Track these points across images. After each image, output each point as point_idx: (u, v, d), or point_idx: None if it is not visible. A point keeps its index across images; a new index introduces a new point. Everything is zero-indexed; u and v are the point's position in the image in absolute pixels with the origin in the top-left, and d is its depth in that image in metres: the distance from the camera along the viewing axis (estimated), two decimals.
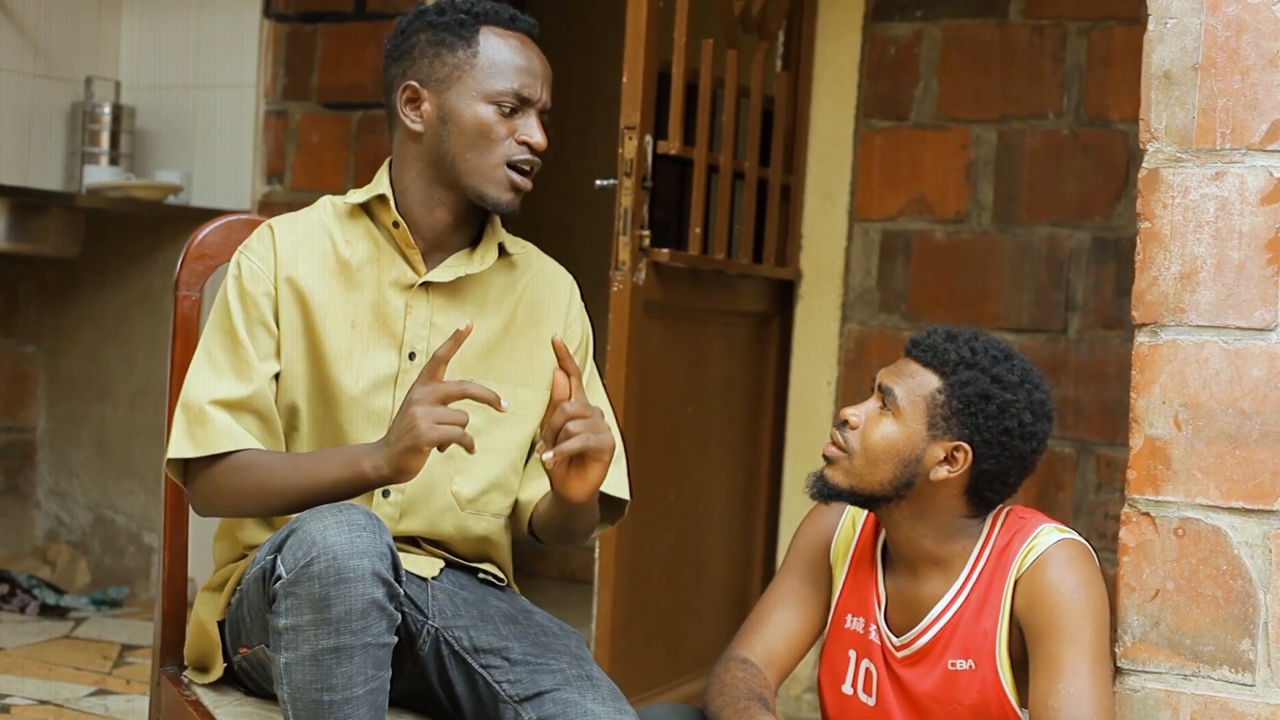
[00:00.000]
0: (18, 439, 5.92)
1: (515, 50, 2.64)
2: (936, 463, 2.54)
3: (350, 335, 2.64)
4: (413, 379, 2.61)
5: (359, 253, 2.68)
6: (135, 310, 5.74)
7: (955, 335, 2.59)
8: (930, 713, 2.59)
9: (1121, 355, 4.52)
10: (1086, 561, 2.51)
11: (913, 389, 2.56)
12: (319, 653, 2.30)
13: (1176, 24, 2.37)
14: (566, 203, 6.59)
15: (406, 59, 2.67)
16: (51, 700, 4.38)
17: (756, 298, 4.88)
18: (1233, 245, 2.33)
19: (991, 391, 2.52)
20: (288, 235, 2.67)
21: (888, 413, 2.57)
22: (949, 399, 2.53)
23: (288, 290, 2.64)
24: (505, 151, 2.63)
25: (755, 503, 4.96)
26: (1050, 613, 2.48)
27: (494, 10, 2.66)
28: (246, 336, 2.61)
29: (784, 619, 2.74)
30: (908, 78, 4.86)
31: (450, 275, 2.68)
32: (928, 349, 2.58)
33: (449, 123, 2.63)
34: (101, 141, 5.69)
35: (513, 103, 2.62)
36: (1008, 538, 2.57)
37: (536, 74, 2.65)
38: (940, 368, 2.55)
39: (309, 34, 5.71)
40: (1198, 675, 2.37)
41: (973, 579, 2.57)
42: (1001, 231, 4.73)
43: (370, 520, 2.34)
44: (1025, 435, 2.54)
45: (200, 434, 2.57)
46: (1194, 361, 2.35)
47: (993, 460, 2.53)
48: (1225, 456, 2.33)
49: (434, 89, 2.64)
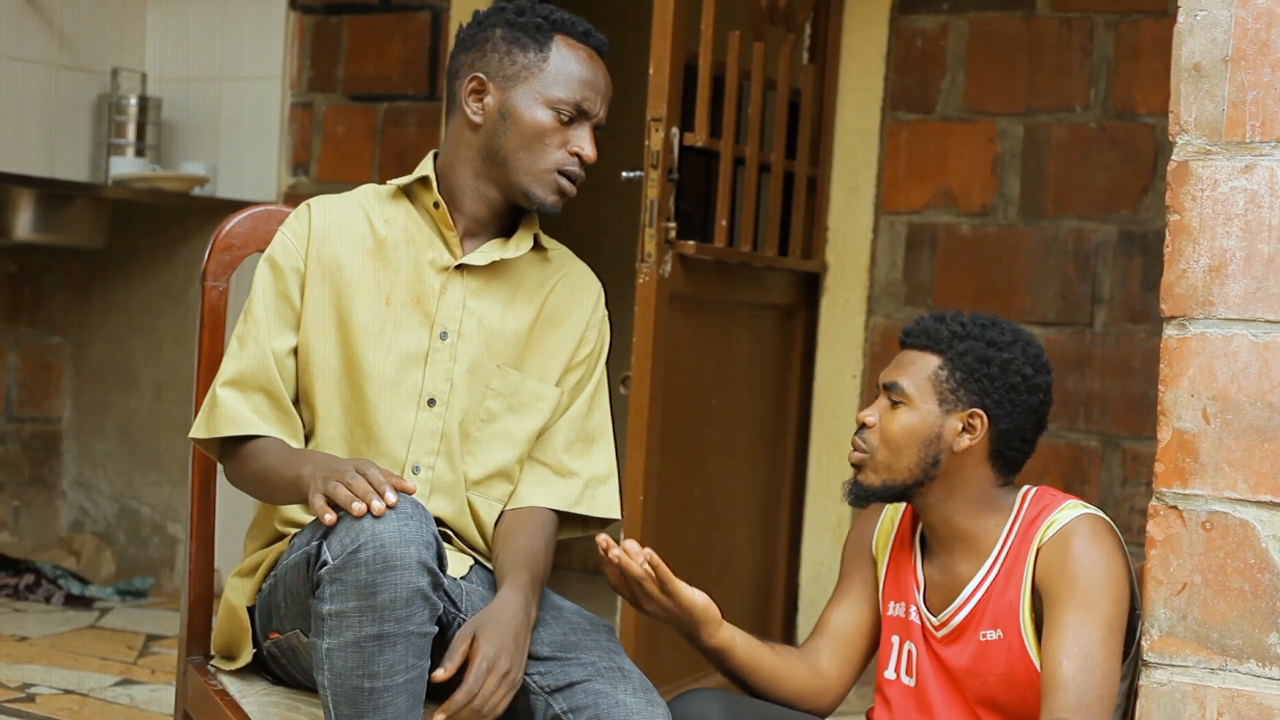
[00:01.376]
0: (43, 430, 5.94)
1: (583, 63, 2.72)
2: (956, 434, 2.62)
3: (384, 312, 2.68)
4: (443, 358, 2.68)
5: (396, 232, 2.72)
6: (160, 301, 5.75)
7: (943, 315, 2.69)
8: (965, 686, 2.64)
9: (1147, 349, 4.51)
10: (1109, 535, 2.57)
11: (915, 374, 2.64)
12: (362, 639, 2.32)
13: (1206, 16, 2.36)
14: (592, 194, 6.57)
15: (478, 50, 2.72)
16: (77, 690, 4.39)
17: (782, 290, 4.88)
18: (1262, 238, 2.32)
19: (989, 355, 2.62)
20: (324, 213, 2.72)
21: (899, 405, 2.65)
22: (952, 371, 2.63)
23: (318, 267, 2.68)
24: (556, 159, 2.69)
25: (780, 496, 4.96)
26: (1070, 580, 2.53)
27: (570, 21, 2.74)
28: (262, 311, 2.67)
29: (842, 615, 2.81)
30: (934, 70, 4.85)
31: (485, 259, 2.71)
32: (920, 333, 2.67)
33: (508, 119, 2.68)
34: (127, 133, 5.70)
35: (571, 112, 2.69)
36: (1035, 513, 2.63)
37: (599, 90, 2.72)
38: (936, 346, 2.65)
39: (334, 26, 5.72)
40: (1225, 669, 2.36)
41: (1003, 554, 2.63)
42: (1028, 225, 4.72)
43: (417, 509, 2.36)
44: (1030, 388, 2.64)
45: (209, 416, 2.65)
46: (1223, 355, 2.34)
47: (1007, 418, 2.62)
48: (1254, 450, 2.32)
49: (500, 84, 2.69)
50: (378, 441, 2.66)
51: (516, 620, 2.51)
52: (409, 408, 2.67)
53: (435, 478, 2.69)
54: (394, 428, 2.66)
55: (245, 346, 2.66)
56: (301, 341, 2.68)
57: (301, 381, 2.69)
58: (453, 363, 2.69)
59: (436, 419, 2.68)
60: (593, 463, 2.81)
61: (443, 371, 2.69)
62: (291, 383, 2.68)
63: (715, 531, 4.59)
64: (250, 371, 2.65)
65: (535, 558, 2.65)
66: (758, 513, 4.86)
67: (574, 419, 2.79)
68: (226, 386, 2.64)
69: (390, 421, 2.66)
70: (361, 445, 2.67)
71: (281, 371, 2.66)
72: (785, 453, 4.98)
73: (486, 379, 2.71)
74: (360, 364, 2.66)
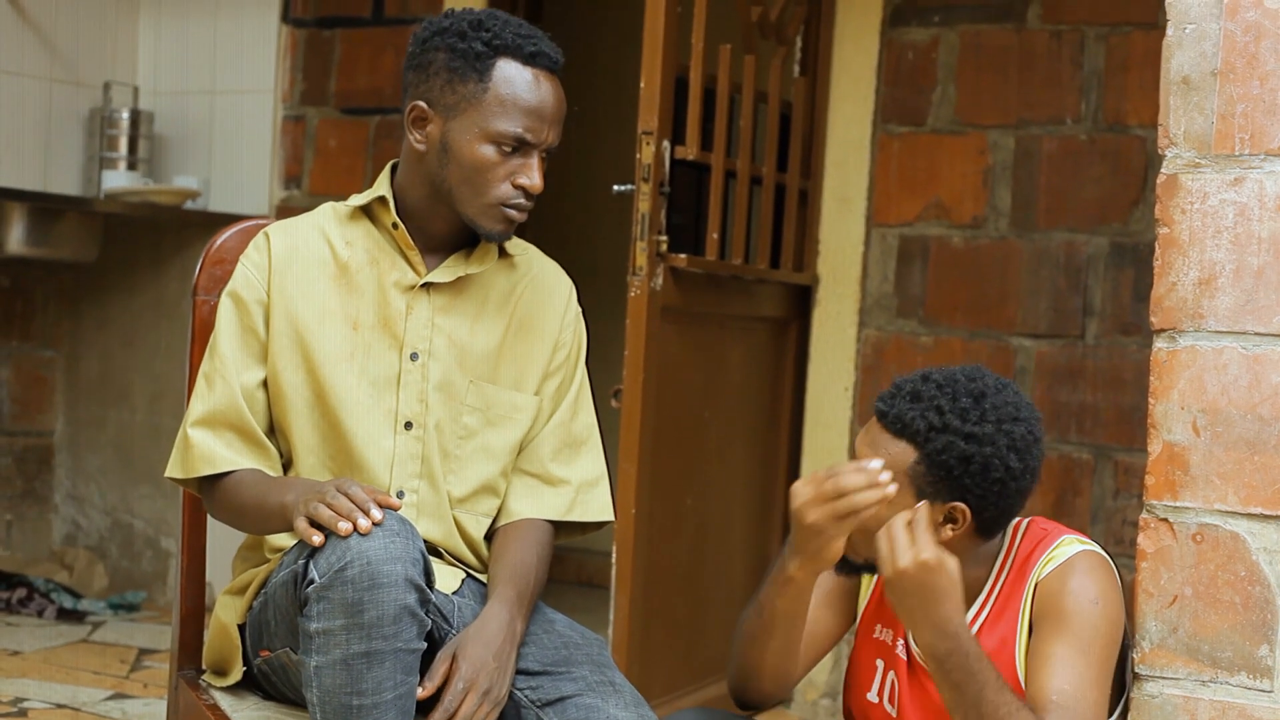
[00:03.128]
0: (36, 443, 5.94)
1: (527, 88, 2.61)
2: (938, 525, 2.48)
3: (352, 337, 2.66)
4: (415, 379, 2.66)
5: (359, 255, 2.70)
6: (152, 315, 5.75)
7: (919, 395, 2.49)
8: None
9: (1139, 361, 4.51)
10: (1106, 574, 2.50)
11: (892, 463, 2.45)
12: (350, 657, 2.31)
13: (1196, 29, 2.36)
14: (584, 208, 6.59)
15: (421, 72, 2.66)
16: (69, 704, 4.38)
17: (774, 303, 4.88)
18: (1252, 251, 2.32)
19: (969, 452, 2.44)
20: (284, 241, 2.70)
21: None
22: (929, 469, 2.46)
23: (280, 296, 2.66)
24: (500, 194, 2.62)
25: (771, 508, 4.96)
26: (1066, 618, 2.46)
27: (515, 43, 2.62)
28: (227, 348, 2.65)
29: (814, 613, 2.71)
30: (925, 83, 4.85)
31: (450, 275, 2.70)
32: (895, 420, 2.48)
33: (449, 152, 2.62)
34: (120, 146, 5.70)
35: (513, 144, 2.60)
36: (1030, 548, 2.56)
37: (545, 117, 2.62)
38: (912, 438, 2.47)
39: (327, 39, 5.72)
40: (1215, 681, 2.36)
41: (995, 592, 2.56)
42: (1019, 237, 4.72)
43: (404, 526, 2.36)
44: (1015, 475, 2.47)
45: (184, 457, 2.64)
46: (1213, 367, 2.35)
47: (992, 508, 2.48)
48: (1244, 462, 2.32)
49: (440, 113, 2.63)
50: (359, 468, 2.65)
51: (499, 637, 2.50)
52: (386, 432, 2.65)
53: (420, 501, 2.68)
54: (373, 451, 2.65)
55: (213, 385, 2.64)
56: (270, 373, 2.66)
57: (275, 412, 2.67)
58: (425, 383, 2.67)
59: (415, 442, 2.67)
60: (581, 468, 2.79)
61: (416, 393, 2.67)
62: (263, 416, 2.66)
63: (707, 543, 4.59)
64: (220, 410, 2.63)
65: (525, 571, 2.64)
66: (750, 524, 4.86)
67: (558, 426, 2.78)
68: (197, 426, 2.63)
69: (369, 445, 2.65)
70: (344, 472, 2.66)
71: (252, 406, 2.65)
72: (777, 465, 4.98)
73: (461, 395, 2.69)
74: (334, 392, 2.64)
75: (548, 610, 2.74)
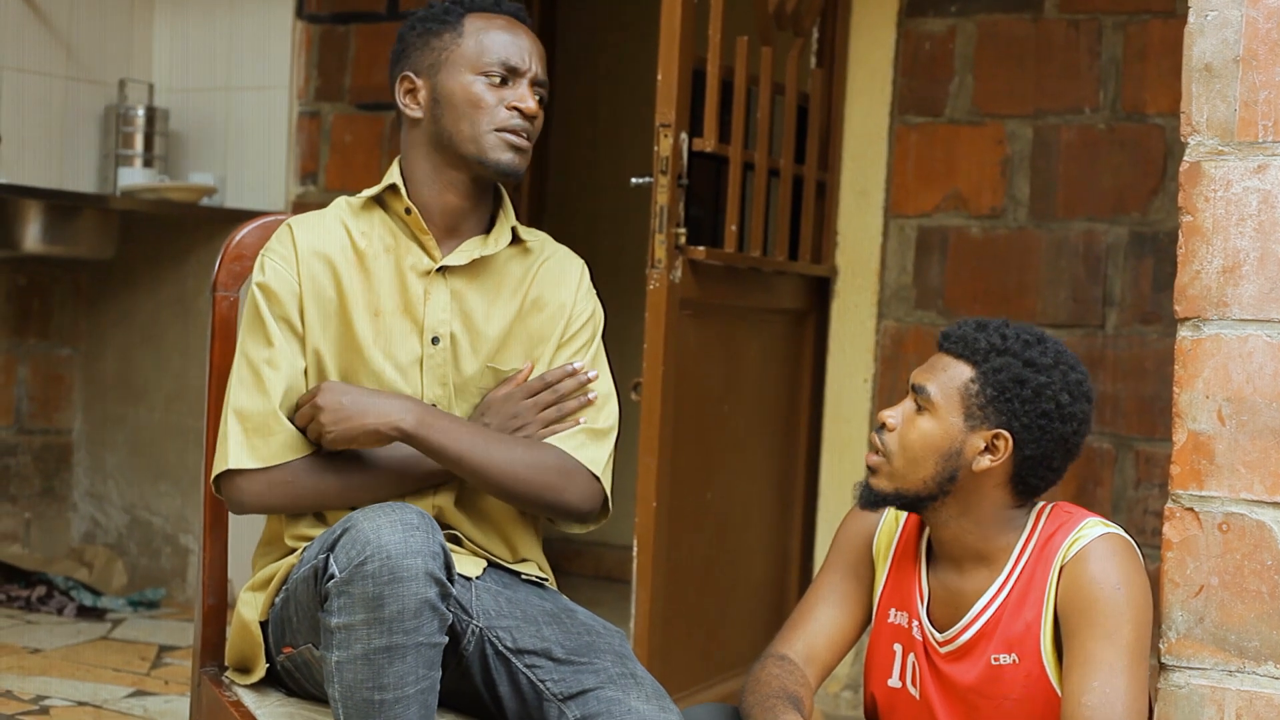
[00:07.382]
0: (54, 441, 5.94)
1: (501, 28, 2.72)
2: (977, 453, 2.53)
3: (375, 323, 2.69)
4: (437, 362, 2.70)
5: (375, 243, 2.73)
6: (169, 312, 5.75)
7: (985, 324, 2.57)
8: (978, 708, 2.58)
9: (1159, 350, 4.50)
10: (1130, 557, 2.50)
11: (945, 382, 2.54)
12: (371, 652, 2.31)
13: (1217, 16, 2.35)
14: (602, 201, 6.58)
15: (402, 56, 2.77)
16: (90, 701, 4.39)
17: (792, 295, 4.87)
18: (1276, 238, 2.31)
19: (1025, 375, 2.51)
20: (306, 233, 2.72)
21: (924, 411, 2.56)
22: (983, 387, 2.52)
23: (311, 285, 2.68)
24: (498, 118, 2.69)
25: (792, 501, 4.95)
26: (1090, 607, 2.47)
27: (480, 2, 2.75)
28: (276, 335, 2.65)
29: (826, 615, 2.73)
30: (942, 73, 4.84)
31: (465, 258, 2.72)
32: (958, 340, 2.56)
33: (442, 101, 2.70)
34: (135, 144, 5.70)
35: (501, 73, 2.69)
36: (1052, 530, 2.56)
37: (523, 48, 2.72)
38: (971, 357, 2.54)
39: (341, 35, 5.72)
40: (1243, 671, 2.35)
41: (1016, 573, 2.56)
42: (1038, 227, 4.71)
43: (423, 520, 2.36)
44: (1064, 417, 2.52)
45: (261, 445, 2.61)
46: (1237, 355, 2.34)
47: (1034, 445, 2.52)
48: (1270, 451, 2.31)
49: (426, 75, 2.72)
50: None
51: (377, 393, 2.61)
52: None
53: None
54: None
55: (278, 368, 2.64)
56: (308, 362, 2.68)
57: None
58: (446, 366, 2.70)
59: None
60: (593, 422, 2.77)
61: (438, 376, 2.70)
62: None
63: (728, 536, 4.58)
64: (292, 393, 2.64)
65: (483, 429, 2.67)
66: (770, 517, 4.85)
67: None
68: (273, 416, 2.61)
69: None
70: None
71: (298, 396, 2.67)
72: (797, 457, 4.97)
73: (479, 378, 2.73)
74: (365, 379, 2.67)
75: (568, 601, 2.74)
